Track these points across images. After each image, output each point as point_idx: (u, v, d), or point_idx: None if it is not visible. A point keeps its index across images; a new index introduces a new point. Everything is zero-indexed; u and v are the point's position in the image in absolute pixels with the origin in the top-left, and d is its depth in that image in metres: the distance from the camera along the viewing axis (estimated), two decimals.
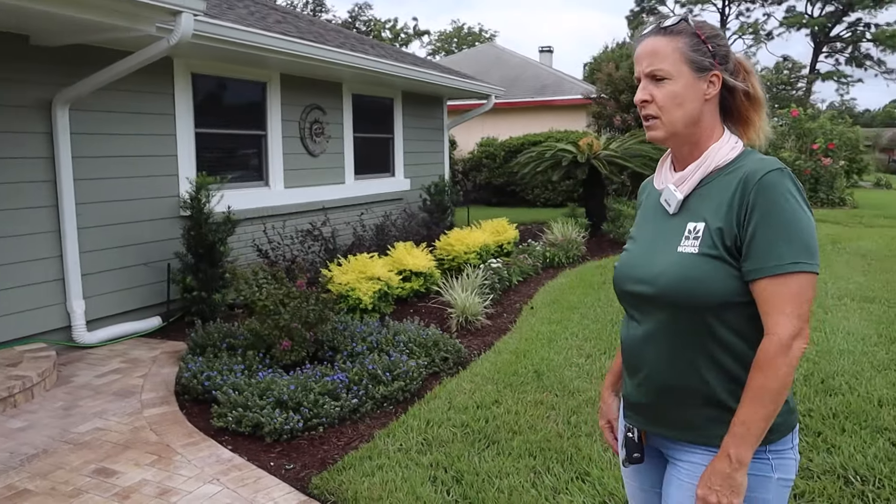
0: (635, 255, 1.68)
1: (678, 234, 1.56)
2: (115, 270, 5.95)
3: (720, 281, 1.48)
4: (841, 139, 16.50)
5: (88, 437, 3.92)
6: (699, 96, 1.56)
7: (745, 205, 1.47)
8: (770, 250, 1.44)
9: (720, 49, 1.57)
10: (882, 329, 5.65)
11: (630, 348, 1.67)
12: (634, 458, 1.68)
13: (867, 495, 3.11)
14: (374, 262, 6.59)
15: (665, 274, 1.54)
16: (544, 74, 20.28)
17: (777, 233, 1.44)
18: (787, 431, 1.54)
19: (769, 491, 1.52)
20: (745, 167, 1.52)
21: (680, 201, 1.60)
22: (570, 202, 15.57)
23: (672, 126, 1.57)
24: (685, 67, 1.54)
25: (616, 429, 1.89)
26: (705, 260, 1.50)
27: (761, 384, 1.43)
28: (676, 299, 1.51)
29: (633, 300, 1.65)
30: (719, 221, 1.50)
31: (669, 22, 1.57)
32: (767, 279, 1.44)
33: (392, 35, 47.51)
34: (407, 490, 3.23)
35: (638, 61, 1.60)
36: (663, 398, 1.59)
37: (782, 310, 1.43)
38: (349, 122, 9.17)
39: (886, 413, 3.96)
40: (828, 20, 39.71)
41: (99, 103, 5.76)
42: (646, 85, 1.58)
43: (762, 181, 1.46)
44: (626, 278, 1.67)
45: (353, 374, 4.45)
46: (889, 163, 35.63)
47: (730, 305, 1.49)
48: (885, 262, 8.54)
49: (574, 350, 5.26)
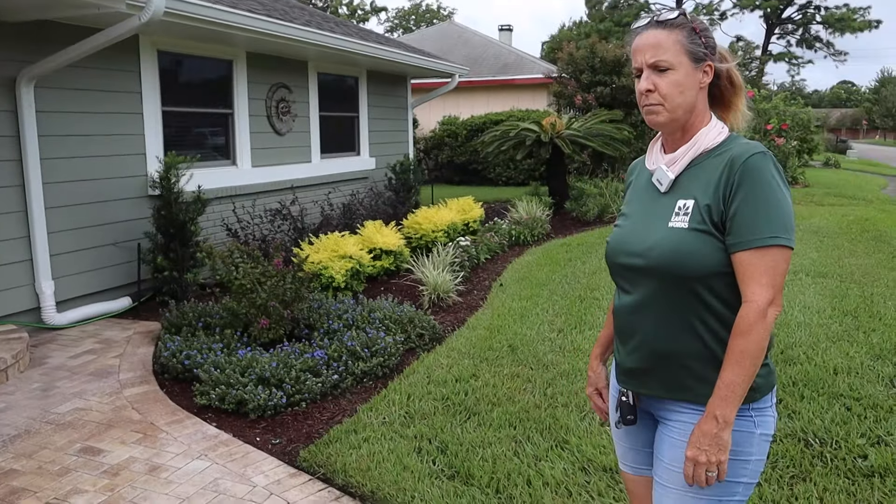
0: (628, 230, 1.80)
1: (669, 210, 1.70)
2: (84, 251, 5.88)
3: (708, 253, 1.61)
4: (793, 120, 16.97)
5: (70, 416, 3.93)
6: (696, 84, 1.70)
7: (731, 184, 1.61)
8: (750, 225, 1.57)
9: (710, 41, 1.71)
10: (835, 303, 5.93)
11: (623, 317, 1.79)
12: (628, 419, 1.81)
13: (825, 456, 3.32)
14: (345, 241, 6.63)
15: (657, 247, 1.66)
16: (505, 53, 20.34)
17: (758, 210, 1.57)
18: (768, 391, 1.69)
19: (752, 445, 1.66)
20: (731, 150, 1.66)
21: (672, 180, 1.73)
22: (531, 181, 15.76)
23: (674, 112, 1.69)
24: (685, 58, 1.67)
25: (604, 396, 2.02)
26: (695, 234, 1.63)
27: (742, 348, 1.56)
28: (668, 270, 1.64)
29: (625, 272, 1.77)
30: (707, 199, 1.63)
31: (670, 16, 1.70)
32: (747, 251, 1.58)
33: (349, 11, 46.93)
34: (394, 461, 3.33)
35: (639, 52, 1.70)
36: (656, 362, 1.71)
37: (759, 280, 1.56)
38: (315, 101, 9.13)
39: (841, 380, 4.20)
40: (780, 2, 40.50)
41: (65, 81, 5.66)
42: (649, 75, 1.68)
43: (747, 163, 1.60)
44: (619, 252, 1.78)
45: (332, 351, 4.52)
46: (837, 142, 36.70)
47: (716, 275, 1.62)
48: (835, 239, 8.90)
49: (545, 325, 5.41)
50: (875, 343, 4.86)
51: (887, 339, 4.94)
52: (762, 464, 1.69)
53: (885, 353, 4.65)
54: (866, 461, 3.26)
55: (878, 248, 8.33)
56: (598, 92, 13.58)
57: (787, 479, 3.13)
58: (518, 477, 3.19)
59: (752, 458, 1.66)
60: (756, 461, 1.67)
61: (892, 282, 6.61)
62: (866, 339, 4.94)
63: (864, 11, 39.05)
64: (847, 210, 11.95)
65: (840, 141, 38.15)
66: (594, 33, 28.39)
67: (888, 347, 4.76)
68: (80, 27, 5.59)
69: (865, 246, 8.46)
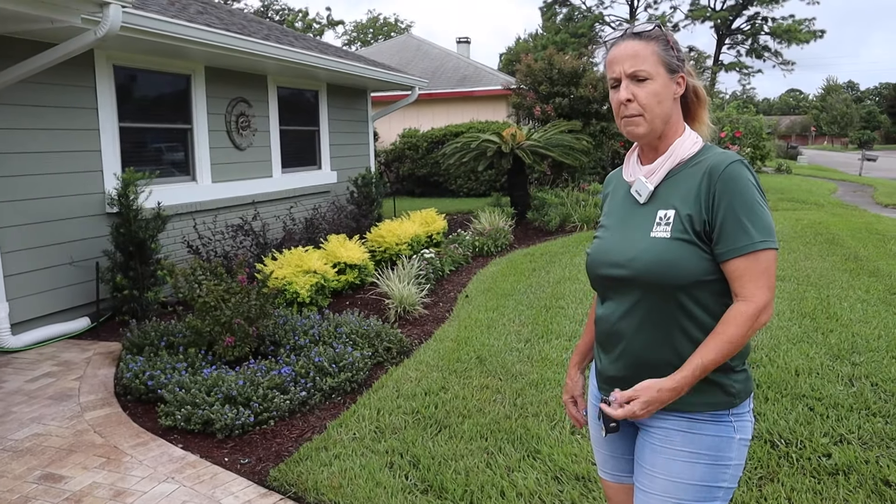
0: (609, 241, 1.81)
1: (649, 221, 1.72)
2: (39, 271, 5.73)
3: (691, 262, 1.64)
4: (746, 127, 17.38)
5: (28, 443, 3.81)
6: (671, 95, 1.73)
7: (712, 194, 1.64)
8: (740, 233, 1.61)
9: (681, 54, 1.75)
10: (794, 305, 6.06)
11: (606, 327, 1.80)
12: (611, 427, 1.79)
13: (791, 456, 3.39)
14: (309, 256, 6.58)
15: (640, 257, 1.68)
16: (464, 65, 20.46)
17: (743, 217, 1.61)
18: (746, 396, 1.73)
19: (732, 450, 1.70)
20: (708, 160, 1.69)
21: (651, 191, 1.75)
22: (493, 192, 15.83)
23: (652, 123, 1.71)
24: (662, 69, 1.69)
25: (580, 404, 2.04)
26: (677, 244, 1.65)
27: (730, 339, 1.59)
28: (651, 280, 1.66)
29: (608, 283, 1.79)
30: (689, 209, 1.66)
31: (646, 28, 1.72)
32: (741, 258, 1.61)
33: (305, 25, 46.77)
34: (366, 477, 3.30)
35: (616, 62, 1.71)
36: (639, 370, 1.72)
37: (757, 283, 1.60)
38: (275, 115, 9.06)
39: (803, 381, 4.29)
40: (729, 13, 41.58)
41: (18, 97, 5.52)
42: (627, 85, 1.70)
43: (725, 172, 1.64)
44: (601, 263, 1.80)
45: (300, 368, 4.47)
46: (788, 148, 37.66)
47: (699, 284, 1.65)
48: (791, 244, 9.11)
49: (513, 335, 5.42)
50: (833, 343, 4.98)
51: (844, 339, 5.07)
52: (741, 468, 1.72)
53: (843, 353, 4.77)
54: (830, 460, 3.33)
55: (832, 251, 8.56)
56: (557, 103, 13.74)
57: (755, 481, 3.18)
58: (491, 489, 3.18)
59: (731, 463, 1.69)
60: (736, 465, 1.70)
61: (847, 283, 6.79)
62: (825, 340, 5.06)
63: (808, 22, 40.33)
64: (800, 214, 12.26)
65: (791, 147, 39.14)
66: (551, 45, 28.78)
67: (846, 347, 4.89)
68: (33, 42, 5.47)
69: (819, 249, 8.68)
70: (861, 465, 3.27)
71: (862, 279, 6.99)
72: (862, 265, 7.67)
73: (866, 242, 9.09)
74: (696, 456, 1.68)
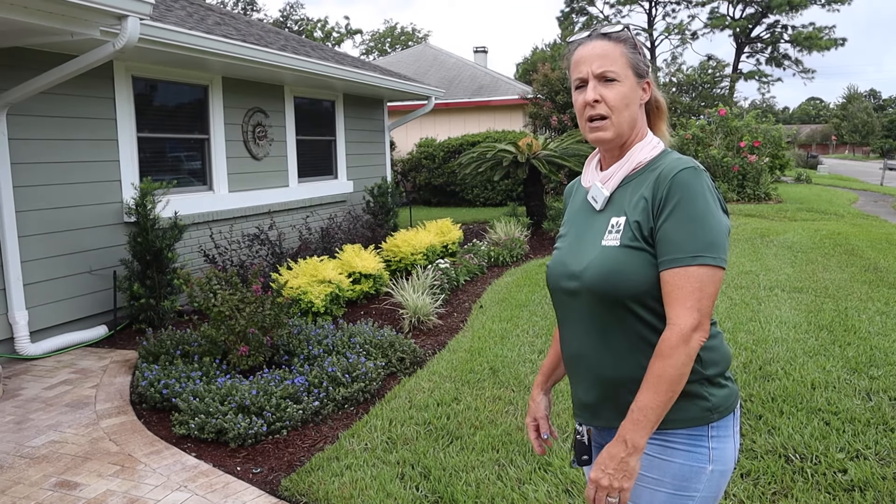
0: (565, 252, 1.73)
1: (603, 229, 1.64)
2: (58, 279, 5.81)
3: (642, 270, 1.54)
4: (765, 137, 17.25)
5: (45, 450, 3.85)
6: (638, 100, 1.66)
7: (659, 200, 1.54)
8: (676, 243, 1.50)
9: (647, 59, 1.70)
10: (811, 317, 6.00)
11: (569, 350, 1.73)
12: (583, 460, 1.74)
13: (806, 471, 3.34)
14: (324, 265, 6.61)
15: (590, 268, 1.60)
16: (481, 75, 20.52)
17: (683, 227, 1.50)
18: (727, 413, 1.60)
19: (701, 481, 1.56)
20: (662, 165, 1.60)
21: (606, 198, 1.67)
22: (509, 201, 15.84)
23: (620, 126, 1.63)
24: (630, 72, 1.63)
25: (542, 427, 1.92)
26: (627, 251, 1.56)
27: (660, 372, 1.48)
28: (602, 290, 1.57)
29: (564, 297, 1.70)
30: (637, 215, 1.57)
31: (614, 29, 1.66)
32: (672, 270, 1.50)
33: (324, 35, 47.13)
34: (377, 488, 3.30)
35: (584, 62, 1.64)
36: (605, 390, 1.63)
37: (683, 303, 1.48)
38: (292, 125, 9.14)
39: (819, 395, 4.24)
40: (748, 22, 41.35)
41: (39, 108, 5.62)
42: (595, 86, 1.62)
43: (675, 178, 1.53)
44: (559, 275, 1.71)
45: (313, 377, 4.49)
46: (808, 158, 37.33)
47: (652, 293, 1.55)
48: (809, 254, 9.03)
49: (526, 346, 5.41)
50: (851, 357, 4.92)
51: (862, 352, 5.01)
52: (715, 501, 1.60)
53: (861, 367, 4.71)
54: (846, 475, 3.29)
55: (851, 262, 8.46)
56: (574, 112, 13.74)
57: (769, 496, 3.14)
58: (502, 501, 3.17)
59: (696, 496, 1.57)
60: (702, 498, 1.57)
61: (865, 295, 6.71)
62: (842, 353, 5.01)
63: (829, 30, 39.98)
64: (819, 225, 12.13)
65: (811, 156, 38.79)
66: None
67: (863, 361, 4.83)
68: (54, 54, 5.56)
69: (838, 260, 8.59)
70: (878, 481, 3.22)
71: (881, 291, 6.90)
72: (881, 276, 7.58)
73: (886, 253, 8.99)
74: (657, 483, 1.58)
